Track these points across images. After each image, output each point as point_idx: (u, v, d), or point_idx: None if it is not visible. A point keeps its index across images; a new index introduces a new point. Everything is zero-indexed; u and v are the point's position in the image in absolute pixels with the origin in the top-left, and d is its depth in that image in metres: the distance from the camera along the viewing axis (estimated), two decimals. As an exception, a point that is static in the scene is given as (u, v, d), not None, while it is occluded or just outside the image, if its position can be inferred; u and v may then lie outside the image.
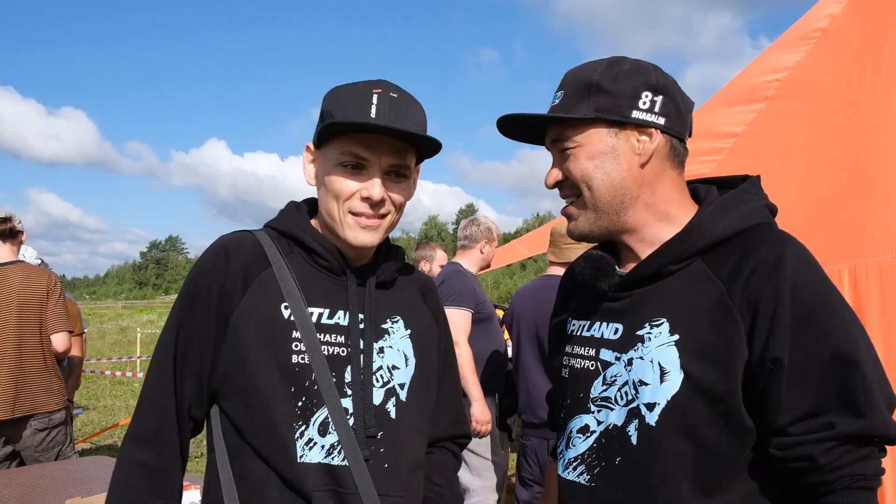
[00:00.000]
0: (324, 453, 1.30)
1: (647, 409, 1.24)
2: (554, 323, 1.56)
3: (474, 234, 4.46)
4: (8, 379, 3.78)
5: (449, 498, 1.55)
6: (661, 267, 1.28)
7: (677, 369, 1.22)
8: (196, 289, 1.37)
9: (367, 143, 1.32)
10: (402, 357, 1.45)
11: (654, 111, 1.28)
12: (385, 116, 1.30)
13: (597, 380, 1.33)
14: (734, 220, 1.28)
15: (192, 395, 1.37)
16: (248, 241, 1.42)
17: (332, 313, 1.38)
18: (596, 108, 1.26)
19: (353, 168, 1.33)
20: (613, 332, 1.32)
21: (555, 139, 1.33)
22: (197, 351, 1.35)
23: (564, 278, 1.61)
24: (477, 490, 4.14)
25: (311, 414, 1.31)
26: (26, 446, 3.85)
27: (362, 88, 1.32)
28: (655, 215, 1.32)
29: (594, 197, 1.29)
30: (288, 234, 1.43)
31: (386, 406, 1.39)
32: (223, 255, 1.38)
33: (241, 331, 1.34)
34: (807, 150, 3.64)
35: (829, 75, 3.82)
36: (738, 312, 1.19)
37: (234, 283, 1.35)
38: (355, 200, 1.34)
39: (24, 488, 2.83)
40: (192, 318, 1.36)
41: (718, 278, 1.23)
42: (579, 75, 1.31)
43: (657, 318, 1.26)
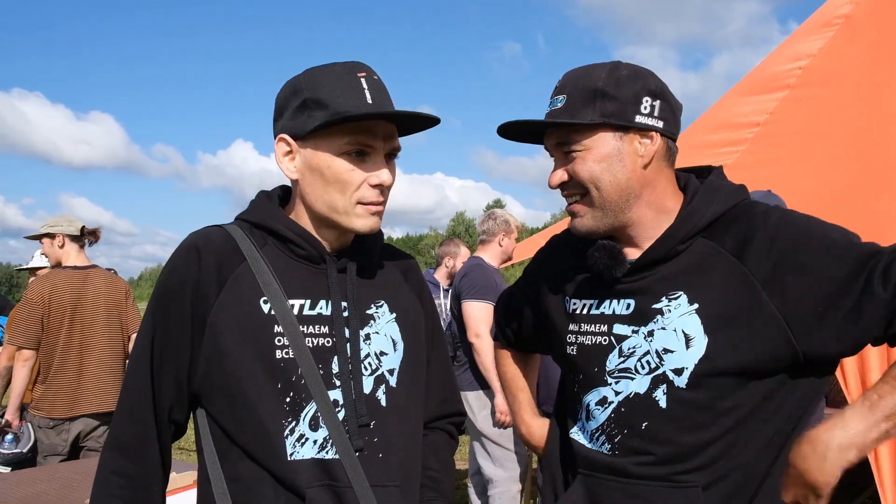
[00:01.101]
0: (316, 448, 1.27)
1: (675, 374, 1.33)
2: (550, 302, 1.57)
3: (492, 227, 4.48)
4: (105, 373, 4.04)
5: (445, 482, 1.50)
6: (670, 248, 1.36)
7: (701, 334, 1.31)
8: (168, 289, 1.31)
9: (370, 130, 1.28)
10: (390, 342, 1.40)
11: (654, 115, 1.35)
12: (378, 100, 1.27)
13: (612, 353, 1.40)
14: (722, 200, 1.39)
15: (172, 398, 1.32)
16: (218, 235, 1.35)
17: (313, 304, 1.33)
18: (602, 114, 1.32)
19: (358, 155, 1.29)
20: (625, 307, 1.40)
21: (560, 142, 1.37)
22: (174, 353, 1.31)
23: (544, 261, 1.67)
24: (500, 480, 4.17)
25: (301, 409, 1.28)
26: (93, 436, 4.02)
27: (344, 72, 1.29)
28: (655, 210, 1.40)
29: (602, 197, 1.36)
30: (261, 226, 1.37)
31: (376, 394, 1.35)
32: (194, 253, 1.32)
33: (220, 329, 1.28)
34: (829, 140, 3.58)
35: (851, 62, 3.75)
36: (754, 275, 1.29)
37: (209, 281, 1.30)
38: (364, 189, 1.30)
39: (61, 483, 2.95)
40: (167, 319, 1.31)
41: (724, 249, 1.34)
42: (582, 81, 1.35)
43: (674, 292, 1.35)
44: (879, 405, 1.23)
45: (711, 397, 1.31)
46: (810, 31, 4.10)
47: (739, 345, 1.29)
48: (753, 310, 1.29)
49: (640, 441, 1.36)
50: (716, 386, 1.31)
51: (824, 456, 1.23)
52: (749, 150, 3.92)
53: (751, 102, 4.17)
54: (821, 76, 3.89)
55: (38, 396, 3.93)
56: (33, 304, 3.88)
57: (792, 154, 3.69)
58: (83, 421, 3.95)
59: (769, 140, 3.93)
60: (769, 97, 4.04)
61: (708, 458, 1.32)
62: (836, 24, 3.96)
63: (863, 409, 1.24)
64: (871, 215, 3.18)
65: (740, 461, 1.32)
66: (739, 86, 4.54)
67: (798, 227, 1.32)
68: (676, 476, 1.33)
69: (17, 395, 3.87)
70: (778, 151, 3.79)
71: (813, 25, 4.12)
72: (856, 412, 1.24)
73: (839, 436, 1.23)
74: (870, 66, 3.62)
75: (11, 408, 3.87)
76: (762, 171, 3.83)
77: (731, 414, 1.32)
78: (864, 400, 1.26)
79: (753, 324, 1.28)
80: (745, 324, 1.29)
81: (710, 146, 4.23)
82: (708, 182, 1.43)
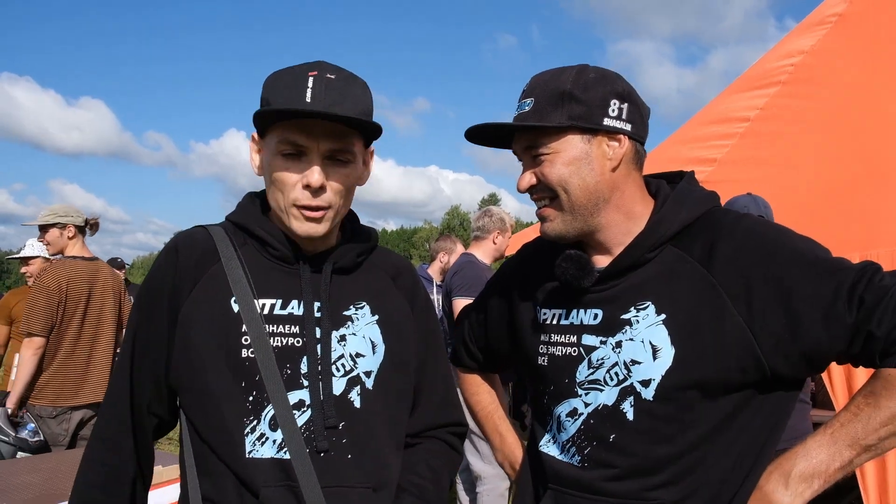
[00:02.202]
0: (276, 448, 1.27)
1: (642, 386, 1.31)
2: (520, 312, 1.56)
3: (487, 225, 4.48)
4: (108, 363, 4.06)
5: (432, 490, 1.44)
6: (639, 256, 1.35)
7: (668, 345, 1.29)
8: (149, 288, 1.37)
9: (304, 128, 1.26)
10: (368, 344, 1.38)
11: (622, 118, 1.35)
12: (321, 100, 1.24)
13: (581, 364, 1.39)
14: (692, 208, 1.37)
15: (150, 393, 1.36)
16: (200, 235, 1.39)
17: (285, 303, 1.34)
18: (570, 116, 1.31)
19: (292, 156, 1.28)
20: (593, 317, 1.38)
21: (528, 146, 1.37)
22: (153, 350, 1.34)
23: (515, 267, 1.65)
24: (489, 477, 4.18)
25: (262, 409, 1.28)
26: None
27: (298, 72, 1.28)
28: (624, 214, 1.39)
29: (571, 200, 1.35)
30: (241, 226, 1.39)
31: (349, 395, 1.34)
32: (173, 252, 1.37)
33: (190, 325, 1.31)
34: (820, 136, 3.60)
35: (843, 60, 3.77)
36: (721, 286, 1.27)
37: (183, 279, 1.33)
38: (297, 190, 1.28)
39: (47, 474, 2.93)
40: (147, 317, 1.35)
41: (692, 258, 1.32)
42: (549, 84, 1.35)
43: (642, 302, 1.33)
44: (841, 433, 1.23)
45: (678, 409, 1.30)
46: (804, 29, 4.13)
47: (706, 356, 1.27)
48: (720, 320, 1.27)
49: (608, 453, 1.34)
50: (683, 398, 1.29)
51: (787, 485, 1.23)
52: (738, 145, 3.94)
53: (742, 98, 4.20)
54: (812, 73, 3.91)
55: (41, 385, 3.87)
56: (51, 291, 3.84)
57: (780, 149, 3.72)
58: (84, 410, 3.95)
59: (759, 135, 3.96)
60: (760, 93, 4.07)
61: (675, 473, 1.31)
62: (830, 22, 3.99)
63: (824, 437, 1.24)
64: (861, 215, 3.20)
65: (708, 478, 1.31)
66: (734, 85, 4.57)
67: (767, 237, 1.30)
68: (644, 493, 1.31)
69: (23, 383, 3.79)
70: (767, 146, 3.82)
71: (807, 24, 4.15)
72: (817, 441, 1.24)
73: (802, 465, 1.24)
74: (861, 64, 3.65)
75: (14, 396, 3.78)
76: (751, 165, 3.84)
77: (698, 427, 1.30)
78: (825, 428, 1.25)
79: (720, 334, 1.26)
80: (711, 334, 1.27)
81: (701, 139, 4.26)
82: (678, 189, 1.41)
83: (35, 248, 4.65)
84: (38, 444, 3.74)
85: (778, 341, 1.25)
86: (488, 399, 1.78)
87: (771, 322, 1.25)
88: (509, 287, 1.62)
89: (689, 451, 1.30)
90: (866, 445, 1.22)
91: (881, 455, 1.26)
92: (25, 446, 3.68)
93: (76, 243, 4.09)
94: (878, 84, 3.49)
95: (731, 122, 4.08)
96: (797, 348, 1.24)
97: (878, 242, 3.04)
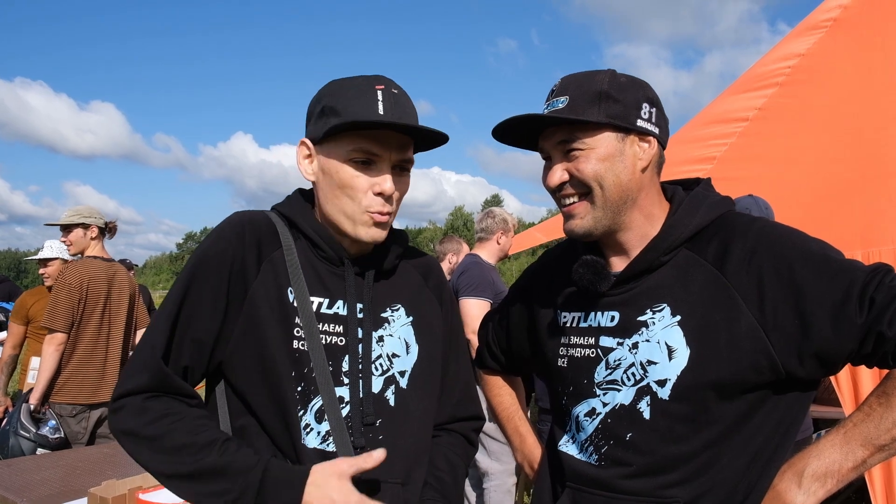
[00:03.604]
0: (319, 439, 1.32)
1: (658, 386, 1.34)
2: (541, 316, 1.59)
3: (490, 226, 4.54)
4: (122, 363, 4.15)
5: (449, 482, 1.50)
6: (654, 259, 1.38)
7: (684, 346, 1.32)
8: (210, 257, 1.35)
9: (378, 139, 1.32)
10: (403, 345, 1.45)
11: (652, 121, 1.39)
12: (391, 112, 1.31)
13: (599, 365, 1.41)
14: (706, 211, 1.40)
15: (191, 359, 1.32)
16: (262, 219, 1.42)
17: (331, 303, 1.39)
18: (608, 115, 1.34)
19: (364, 164, 1.34)
20: (610, 319, 1.42)
21: (563, 140, 1.37)
22: (203, 317, 1.32)
23: (536, 273, 1.68)
24: (496, 473, 4.23)
25: (309, 400, 1.33)
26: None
27: (364, 84, 1.33)
28: (645, 216, 1.42)
29: (605, 196, 1.36)
30: (292, 222, 1.43)
31: (385, 394, 1.39)
32: (240, 227, 1.38)
33: (258, 305, 1.34)
34: (819, 136, 3.65)
35: (839, 62, 3.82)
36: (734, 288, 1.30)
37: (251, 257, 1.36)
38: (370, 197, 1.34)
39: (65, 470, 3.01)
40: (204, 283, 1.33)
41: (706, 260, 1.35)
42: (584, 83, 1.37)
43: (658, 304, 1.36)
44: (854, 433, 1.24)
45: (693, 409, 1.32)
46: (799, 33, 4.18)
47: (721, 356, 1.29)
48: (734, 321, 1.29)
49: (625, 452, 1.37)
50: (698, 398, 1.31)
51: (800, 485, 1.25)
52: (737, 144, 3.99)
53: (740, 99, 4.25)
54: (809, 75, 3.96)
55: (62, 382, 3.95)
56: (72, 288, 3.93)
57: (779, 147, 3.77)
58: (102, 409, 4.02)
59: (757, 134, 4.00)
60: (758, 94, 4.12)
61: (690, 471, 1.33)
62: (825, 26, 4.04)
63: (837, 437, 1.26)
64: (862, 214, 3.24)
65: (722, 477, 1.32)
66: (733, 86, 4.61)
67: (779, 240, 1.32)
68: (659, 491, 1.33)
69: (46, 378, 3.83)
70: (765, 145, 3.87)
71: (802, 28, 4.20)
72: (830, 441, 1.26)
73: (815, 465, 1.25)
74: (857, 66, 3.69)
75: (37, 391, 3.83)
76: (750, 163, 3.89)
77: (712, 427, 1.32)
78: (839, 428, 1.27)
79: (734, 335, 1.29)
80: (726, 335, 1.29)
81: (699, 140, 4.30)
82: (693, 193, 1.44)
83: (54, 249, 4.73)
84: (58, 441, 3.80)
85: (790, 341, 1.26)
86: (509, 401, 1.83)
87: (783, 322, 1.26)
88: (531, 292, 1.66)
89: (703, 450, 1.32)
90: (879, 445, 1.23)
91: (895, 455, 1.26)
92: (45, 443, 3.75)
93: (97, 244, 4.19)
94: (874, 85, 3.54)
95: (729, 123, 4.13)
96: (809, 348, 1.26)
97: (876, 240, 3.08)
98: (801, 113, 3.85)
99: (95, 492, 2.34)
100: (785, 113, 3.96)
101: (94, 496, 2.34)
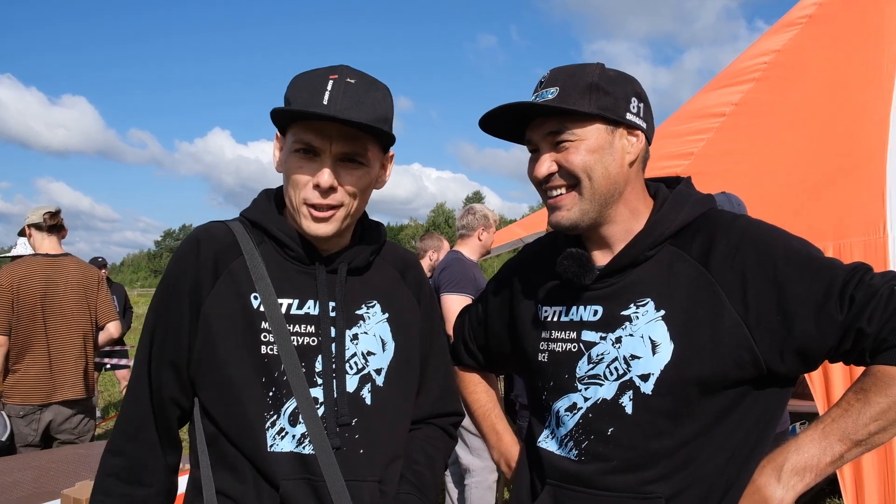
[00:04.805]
0: (295, 443, 1.31)
1: (641, 381, 1.33)
2: (521, 310, 1.58)
3: (471, 222, 4.54)
4: (76, 360, 4.06)
5: (427, 476, 1.48)
6: (639, 254, 1.38)
7: (667, 341, 1.32)
8: (169, 280, 1.38)
9: (318, 130, 1.28)
10: (379, 342, 1.43)
11: (640, 116, 1.39)
12: (338, 103, 1.26)
13: (581, 360, 1.41)
14: (690, 208, 1.40)
15: (172, 384, 1.37)
16: (220, 230, 1.41)
17: (301, 303, 1.37)
18: (599, 107, 1.33)
19: (305, 154, 1.31)
20: (592, 313, 1.41)
21: (553, 131, 1.36)
22: (173, 340, 1.35)
23: (515, 268, 1.68)
24: (477, 470, 4.24)
25: (282, 404, 1.31)
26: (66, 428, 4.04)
27: (320, 74, 1.30)
28: (630, 210, 1.42)
29: (593, 187, 1.35)
30: (257, 224, 1.41)
31: (360, 393, 1.38)
32: (194, 245, 1.38)
33: (212, 319, 1.33)
34: (793, 130, 3.70)
35: (814, 58, 3.88)
36: (718, 283, 1.31)
37: (205, 273, 1.35)
38: (308, 189, 1.31)
39: (38, 471, 2.96)
40: (167, 308, 1.36)
41: (691, 256, 1.35)
42: (575, 75, 1.36)
43: (642, 299, 1.36)
44: (832, 428, 1.25)
45: (676, 404, 1.32)
46: (776, 31, 4.24)
47: (704, 351, 1.29)
48: (718, 317, 1.29)
49: (606, 447, 1.36)
50: (681, 392, 1.31)
51: (779, 479, 1.26)
52: (714, 139, 4.04)
53: (717, 95, 4.30)
54: (784, 70, 4.02)
55: (10, 384, 3.91)
56: (3, 290, 3.89)
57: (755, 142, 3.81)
58: (54, 409, 3.95)
59: (734, 129, 4.05)
60: (735, 90, 4.17)
61: (671, 467, 1.33)
62: (800, 23, 4.10)
63: (816, 432, 1.27)
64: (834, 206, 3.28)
65: (703, 472, 1.33)
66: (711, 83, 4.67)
67: (762, 237, 1.33)
68: (641, 486, 1.33)
69: None
70: (742, 139, 3.91)
71: (779, 26, 4.26)
72: (809, 436, 1.27)
73: (794, 459, 1.26)
74: (830, 61, 3.75)
75: None
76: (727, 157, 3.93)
77: (694, 422, 1.32)
78: (818, 423, 1.28)
79: (718, 330, 1.29)
80: (709, 330, 1.30)
81: (678, 135, 4.34)
82: (678, 190, 1.45)
83: (27, 247, 4.67)
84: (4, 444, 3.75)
85: (773, 337, 1.27)
86: (486, 398, 1.80)
87: (765, 318, 1.28)
88: (510, 287, 1.64)
89: (684, 445, 1.33)
90: (857, 440, 1.24)
91: (872, 450, 1.28)
92: None
93: (42, 241, 4.11)
94: (846, 79, 3.60)
95: (707, 118, 4.18)
96: (791, 345, 1.27)
97: (848, 232, 3.12)
98: (776, 107, 3.90)
99: (69, 493, 2.30)
100: (760, 108, 4.01)
101: (67, 498, 2.30)
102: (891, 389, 1.22)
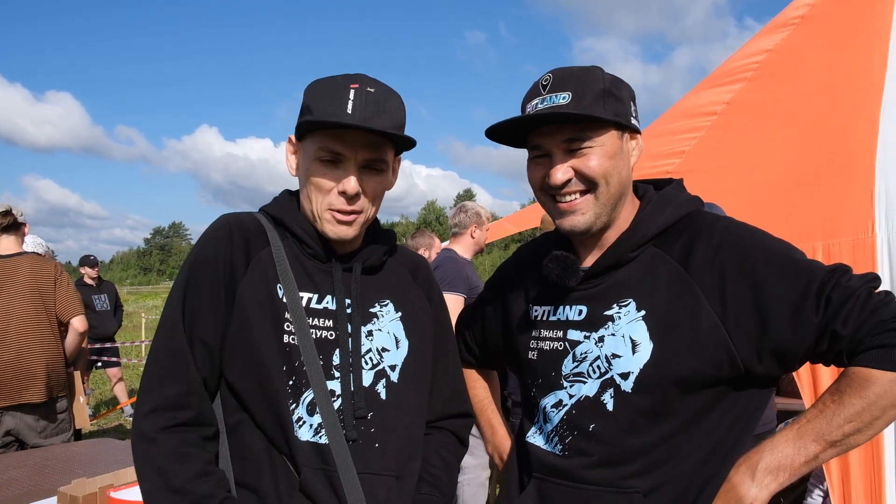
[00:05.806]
0: (312, 432, 1.34)
1: (621, 379, 1.37)
2: (514, 309, 1.62)
3: (463, 220, 4.56)
4: (33, 362, 3.87)
5: (444, 480, 1.52)
6: (622, 255, 1.41)
7: (647, 340, 1.35)
8: (202, 260, 1.38)
9: (343, 138, 1.33)
10: (392, 339, 1.47)
11: (638, 119, 1.43)
12: (361, 112, 1.30)
13: (566, 358, 1.45)
14: (673, 210, 1.43)
15: (205, 363, 1.36)
16: (249, 218, 1.46)
17: (320, 298, 1.41)
18: (614, 113, 1.36)
19: (330, 162, 1.35)
20: (577, 313, 1.45)
21: (571, 138, 1.36)
22: (206, 320, 1.36)
23: (510, 268, 1.72)
24: (469, 467, 4.26)
25: (301, 394, 1.34)
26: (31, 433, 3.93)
27: (340, 83, 1.34)
28: (627, 212, 1.46)
29: (610, 192, 1.38)
30: (279, 221, 1.46)
31: (376, 388, 1.41)
32: (227, 230, 1.41)
33: (246, 304, 1.37)
34: (784, 129, 3.73)
35: (806, 58, 3.92)
36: (697, 284, 1.33)
37: (239, 258, 1.39)
38: (333, 195, 1.36)
39: (32, 469, 2.95)
40: (200, 288, 1.36)
41: (671, 257, 1.38)
42: (584, 80, 1.35)
43: (624, 299, 1.39)
44: (807, 429, 1.28)
45: (655, 402, 1.35)
46: (768, 31, 4.28)
47: (682, 351, 1.32)
48: (697, 317, 1.32)
49: (587, 442, 1.40)
50: (659, 391, 1.34)
51: (753, 477, 1.29)
52: (706, 137, 4.07)
53: (709, 94, 4.34)
54: (775, 70, 4.06)
55: None
56: None
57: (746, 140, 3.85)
58: (13, 416, 3.86)
59: (726, 127, 4.09)
60: (727, 89, 4.20)
61: (649, 463, 1.36)
62: (793, 24, 4.14)
63: (791, 433, 1.29)
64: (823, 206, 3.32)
65: (681, 469, 1.36)
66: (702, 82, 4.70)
67: (742, 238, 1.35)
68: (619, 481, 1.37)
69: None
70: (733, 138, 3.95)
71: (771, 26, 4.30)
72: (784, 436, 1.30)
73: (768, 459, 1.29)
74: (822, 61, 3.79)
75: None
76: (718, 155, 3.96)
77: (673, 419, 1.35)
78: (794, 424, 1.30)
79: (696, 331, 1.32)
80: (688, 330, 1.32)
81: (669, 133, 4.37)
82: (663, 192, 1.48)
83: None
84: None
85: (750, 338, 1.30)
86: (483, 393, 1.86)
87: (743, 319, 1.30)
88: (505, 287, 1.69)
89: (663, 442, 1.36)
90: (831, 441, 1.26)
91: (847, 451, 1.31)
92: None
93: (4, 240, 4.02)
94: (838, 79, 3.63)
95: (698, 117, 4.21)
96: (768, 345, 1.29)
97: (838, 231, 3.15)
98: (768, 107, 3.94)
99: (65, 490, 2.30)
100: (752, 107, 4.05)
101: (63, 495, 2.29)
102: (865, 392, 1.24)
